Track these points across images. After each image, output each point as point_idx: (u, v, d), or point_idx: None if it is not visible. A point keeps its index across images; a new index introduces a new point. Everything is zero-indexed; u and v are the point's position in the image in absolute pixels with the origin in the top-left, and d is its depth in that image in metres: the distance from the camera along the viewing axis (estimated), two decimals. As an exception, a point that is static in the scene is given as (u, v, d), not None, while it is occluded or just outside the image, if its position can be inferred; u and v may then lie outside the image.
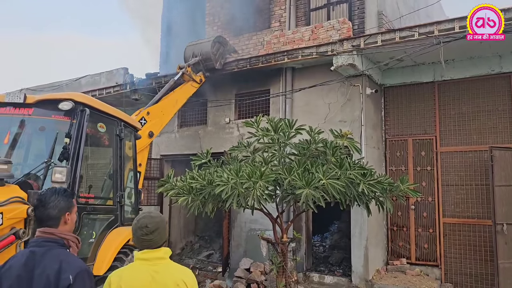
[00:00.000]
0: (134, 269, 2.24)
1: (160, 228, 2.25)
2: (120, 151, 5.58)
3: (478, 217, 7.43)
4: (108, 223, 5.28)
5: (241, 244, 8.84)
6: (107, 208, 5.39)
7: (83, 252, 4.82)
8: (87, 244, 4.89)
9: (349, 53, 7.35)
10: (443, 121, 7.93)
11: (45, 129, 5.00)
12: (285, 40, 8.71)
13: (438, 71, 7.88)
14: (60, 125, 4.78)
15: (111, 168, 5.57)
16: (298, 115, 8.21)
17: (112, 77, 11.43)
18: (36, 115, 4.87)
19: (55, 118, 4.82)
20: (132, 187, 6.09)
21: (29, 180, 4.49)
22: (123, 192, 5.64)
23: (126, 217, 5.71)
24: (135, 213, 6.07)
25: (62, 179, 4.15)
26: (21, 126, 4.95)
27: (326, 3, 9.29)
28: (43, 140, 5.06)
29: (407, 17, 9.63)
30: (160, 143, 10.55)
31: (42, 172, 4.49)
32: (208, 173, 5.26)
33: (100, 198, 5.45)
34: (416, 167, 8.08)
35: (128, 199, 5.94)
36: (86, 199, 5.01)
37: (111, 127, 5.48)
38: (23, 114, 4.88)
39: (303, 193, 4.61)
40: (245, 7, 10.04)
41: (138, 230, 2.23)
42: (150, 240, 2.22)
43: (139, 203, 6.29)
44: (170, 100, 7.93)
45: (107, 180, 5.63)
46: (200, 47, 8.77)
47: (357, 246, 7.47)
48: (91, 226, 5.02)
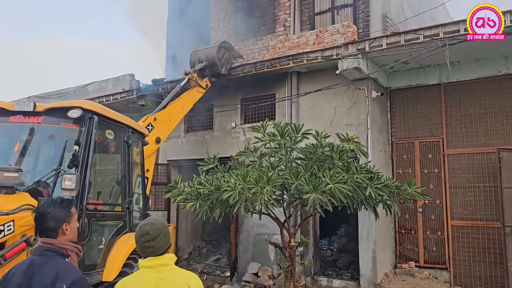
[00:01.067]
0: (138, 277, 2.26)
1: (161, 235, 2.26)
2: (128, 157, 5.63)
3: (487, 219, 7.38)
4: (117, 229, 5.32)
5: (248, 249, 8.85)
6: (115, 214, 5.43)
7: (92, 258, 4.87)
8: (96, 250, 4.93)
9: (354, 56, 7.37)
10: (450, 123, 7.91)
11: (54, 137, 5.06)
12: (290, 45, 8.75)
13: (444, 73, 7.86)
14: (69, 132, 4.84)
15: (119, 175, 5.62)
16: (304, 119, 8.23)
17: (119, 84, 11.52)
18: (46, 123, 4.93)
19: (64, 126, 4.88)
20: (140, 193, 6.14)
21: (39, 188, 4.54)
22: (132, 198, 5.67)
23: (135, 223, 5.72)
24: (143, 218, 6.09)
25: (72, 186, 4.19)
26: (30, 134, 5.01)
27: (331, 7, 9.31)
28: (52, 148, 5.12)
29: (412, 20, 9.62)
30: (167, 148, 10.61)
31: (52, 179, 4.54)
32: (215, 179, 5.29)
33: (109, 205, 5.49)
34: (423, 170, 8.05)
35: (136, 205, 5.99)
36: (95, 206, 5.05)
37: (119, 134, 5.53)
38: (32, 122, 4.95)
39: (310, 197, 4.62)
40: (250, 12, 10.10)
41: (140, 237, 2.25)
42: (152, 246, 2.23)
43: (147, 209, 6.33)
44: (176, 106, 7.98)
45: (115, 187, 5.67)
46: (206, 52, 8.81)
47: (365, 250, 7.45)
48: (100, 233, 5.05)
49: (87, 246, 4.73)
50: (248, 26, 10.10)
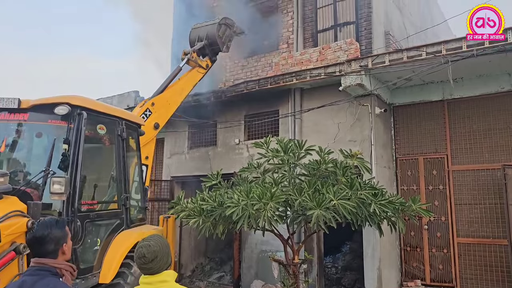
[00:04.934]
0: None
1: (158, 257, 2.23)
2: (123, 151, 5.37)
3: (493, 237, 7.28)
4: (113, 228, 5.12)
5: (252, 266, 8.75)
6: (111, 212, 5.21)
7: (88, 261, 4.69)
8: (92, 252, 4.76)
9: (357, 73, 7.41)
10: (454, 139, 7.88)
11: (42, 135, 4.86)
12: (293, 62, 8.82)
13: (447, 89, 7.88)
14: (57, 130, 4.61)
15: (114, 170, 5.36)
16: (307, 135, 8.23)
17: (123, 100, 11.60)
18: (32, 121, 4.71)
19: (52, 123, 4.65)
20: (138, 186, 5.88)
21: (28, 190, 4.36)
22: (129, 194, 5.44)
23: (133, 219, 5.51)
24: (142, 212, 5.87)
25: (61, 190, 4.03)
26: (17, 132, 4.80)
27: (333, 24, 9.41)
28: (40, 147, 4.91)
29: (414, 37, 9.70)
30: (170, 164, 10.62)
31: (41, 181, 4.36)
32: (218, 195, 5.27)
33: (104, 203, 5.25)
34: (428, 186, 7.99)
35: (134, 198, 5.72)
36: (89, 206, 4.83)
37: (111, 128, 5.27)
38: (18, 119, 4.72)
39: (314, 214, 4.59)
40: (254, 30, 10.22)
41: (137, 259, 2.24)
42: (150, 268, 2.22)
43: (146, 201, 6.07)
44: (175, 89, 7.59)
45: (110, 183, 5.42)
46: (206, 29, 8.36)
47: (370, 267, 7.34)
48: (95, 233, 4.87)
49: (81, 248, 4.54)
50: (252, 43, 10.21)
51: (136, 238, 5.17)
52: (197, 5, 11.10)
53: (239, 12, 9.77)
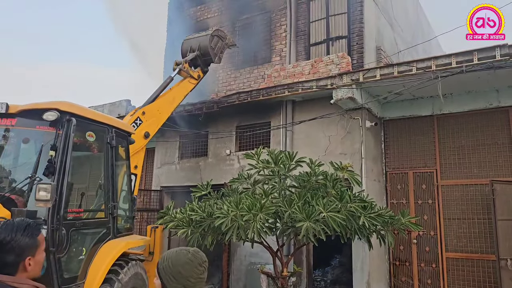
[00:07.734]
0: None
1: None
2: (112, 159, 5.29)
3: (481, 252, 7.31)
4: (99, 237, 5.02)
5: (241, 279, 8.67)
6: (98, 221, 5.11)
7: (72, 270, 4.59)
8: (76, 262, 4.67)
9: (348, 86, 7.47)
10: (443, 154, 7.95)
11: (29, 141, 4.79)
12: (286, 74, 8.88)
13: (437, 104, 7.97)
14: (45, 136, 4.53)
15: (102, 178, 5.26)
16: (298, 147, 8.25)
17: (115, 109, 11.54)
18: (20, 126, 4.63)
19: (40, 129, 4.56)
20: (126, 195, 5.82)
21: (13, 196, 4.27)
22: (116, 203, 5.34)
23: (120, 228, 5.41)
24: (129, 222, 5.78)
25: (47, 196, 3.93)
26: (3, 138, 4.73)
27: (326, 38, 9.51)
28: (27, 153, 4.83)
29: (405, 52, 9.84)
30: (160, 174, 10.54)
31: (27, 187, 4.29)
32: (208, 205, 5.24)
33: (91, 211, 5.16)
34: (417, 200, 8.03)
35: (122, 207, 5.64)
36: (75, 214, 4.74)
37: (101, 135, 5.20)
38: (5, 125, 4.64)
39: (304, 226, 4.58)
40: (247, 42, 10.28)
41: (198, 266, 1.77)
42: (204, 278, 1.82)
43: (134, 211, 5.98)
44: (166, 98, 7.59)
45: (98, 191, 5.32)
46: (198, 40, 8.41)
47: (359, 281, 7.31)
48: (81, 242, 4.77)
49: (66, 257, 4.46)
50: (245, 55, 10.26)
51: (122, 247, 5.10)
52: (191, 16, 11.17)
53: (232, 23, 9.84)
